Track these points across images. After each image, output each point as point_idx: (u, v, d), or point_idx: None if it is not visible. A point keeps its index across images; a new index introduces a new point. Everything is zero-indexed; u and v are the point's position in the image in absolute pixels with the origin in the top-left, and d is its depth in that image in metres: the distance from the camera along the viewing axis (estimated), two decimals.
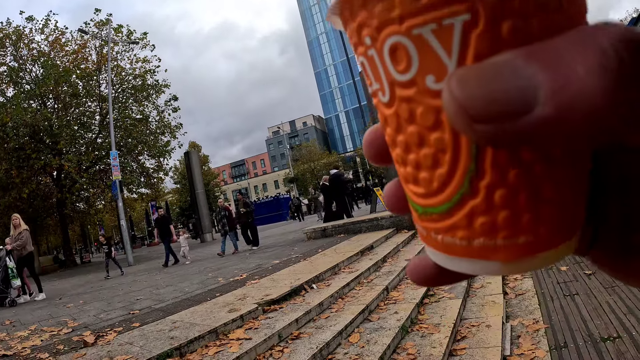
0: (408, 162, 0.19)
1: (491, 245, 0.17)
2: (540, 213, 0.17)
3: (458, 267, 0.19)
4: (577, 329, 3.32)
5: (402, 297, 4.00)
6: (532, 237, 0.17)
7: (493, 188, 0.16)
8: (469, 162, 0.17)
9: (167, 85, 19.39)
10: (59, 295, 7.39)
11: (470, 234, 0.18)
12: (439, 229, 0.19)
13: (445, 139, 0.17)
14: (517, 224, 0.17)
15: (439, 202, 0.18)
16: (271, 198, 45.14)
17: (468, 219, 0.17)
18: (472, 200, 0.17)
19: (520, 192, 0.16)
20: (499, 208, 0.17)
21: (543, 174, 0.16)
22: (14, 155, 15.24)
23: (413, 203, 0.20)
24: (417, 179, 0.19)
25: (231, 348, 2.79)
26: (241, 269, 6.31)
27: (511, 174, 0.16)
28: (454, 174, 0.17)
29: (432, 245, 0.20)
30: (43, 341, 3.58)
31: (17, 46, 16.81)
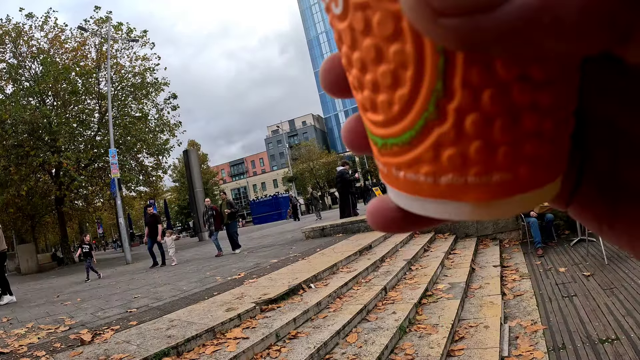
0: (365, 84, 0.16)
1: (461, 183, 0.15)
2: (519, 146, 0.14)
3: (423, 210, 0.16)
4: (575, 330, 3.32)
5: (400, 297, 4.00)
6: (509, 175, 0.15)
7: (464, 112, 0.14)
8: (434, 79, 0.14)
9: (167, 84, 19.36)
10: (57, 293, 7.37)
11: (436, 169, 0.15)
12: (401, 164, 0.16)
13: (406, 51, 0.14)
14: (492, 158, 0.14)
15: (400, 131, 0.16)
16: (270, 197, 45.12)
17: (434, 150, 0.15)
18: (439, 128, 0.14)
19: (495, 119, 0.14)
20: (471, 137, 0.14)
21: (523, 97, 0.14)
22: (12, 152, 15.20)
23: (372, 135, 0.17)
24: (375, 104, 0.16)
25: (228, 347, 2.79)
26: (239, 268, 6.30)
27: (485, 96, 0.14)
28: (417, 95, 0.14)
29: (394, 184, 0.17)
30: (40, 339, 3.57)
31: (17, 43, 16.75)
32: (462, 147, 0.14)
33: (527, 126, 0.14)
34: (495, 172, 0.15)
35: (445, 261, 5.72)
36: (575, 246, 6.13)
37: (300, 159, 55.33)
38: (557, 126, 0.15)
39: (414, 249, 6.20)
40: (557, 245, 6.49)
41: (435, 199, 0.16)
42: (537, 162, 0.15)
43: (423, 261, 5.62)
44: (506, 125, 0.14)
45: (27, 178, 15.50)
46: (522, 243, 7.01)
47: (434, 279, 4.68)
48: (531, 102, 0.14)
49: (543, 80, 0.14)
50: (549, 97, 0.14)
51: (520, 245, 6.94)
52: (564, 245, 6.36)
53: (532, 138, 0.14)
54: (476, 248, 6.71)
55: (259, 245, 10.51)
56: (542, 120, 0.14)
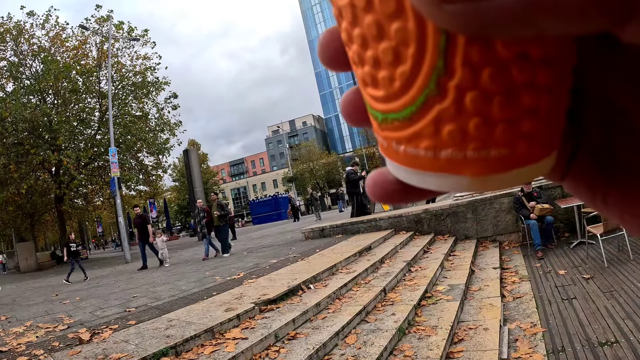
0: (366, 59, 0.16)
1: (460, 157, 0.15)
2: (517, 123, 0.15)
3: (422, 183, 0.17)
4: (574, 333, 3.32)
5: (399, 298, 3.99)
6: (506, 151, 0.15)
7: (464, 89, 0.14)
8: (436, 57, 0.14)
9: (167, 83, 19.38)
10: (56, 291, 7.36)
11: (436, 143, 0.16)
12: (401, 138, 0.17)
13: (408, 29, 0.14)
14: (490, 134, 0.15)
15: (401, 106, 0.16)
16: (270, 197, 45.10)
17: (434, 125, 0.15)
18: (439, 104, 0.15)
19: (494, 96, 0.14)
20: (470, 114, 0.15)
21: (521, 76, 0.14)
22: (12, 151, 15.20)
23: (372, 110, 0.18)
24: (376, 80, 0.16)
25: (227, 347, 2.78)
26: (239, 268, 6.30)
27: (485, 74, 0.14)
28: (419, 72, 0.15)
29: (394, 158, 0.18)
30: (38, 337, 3.56)
31: (18, 41, 16.76)
32: (462, 123, 0.15)
33: (525, 103, 0.15)
34: (493, 148, 0.15)
35: (445, 263, 5.72)
36: (575, 249, 6.12)
37: (301, 159, 55.32)
38: (553, 103, 0.15)
39: (413, 250, 6.20)
40: (557, 247, 6.48)
41: (435, 173, 0.16)
42: (533, 138, 0.15)
43: (422, 262, 5.62)
44: (505, 102, 0.14)
45: (26, 176, 15.49)
46: (521, 245, 7.00)
47: (433, 280, 4.68)
48: (529, 80, 0.14)
49: (541, 59, 0.14)
50: (547, 75, 0.15)
51: (520, 247, 6.93)
52: (563, 248, 6.36)
53: (530, 115, 0.15)
54: (476, 250, 6.70)
55: (259, 245, 10.51)
56: (539, 98, 0.15)
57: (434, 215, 7.90)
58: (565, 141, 0.18)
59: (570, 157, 0.19)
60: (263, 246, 9.91)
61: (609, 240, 5.49)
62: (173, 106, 19.65)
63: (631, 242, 5.20)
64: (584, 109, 0.18)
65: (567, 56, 0.15)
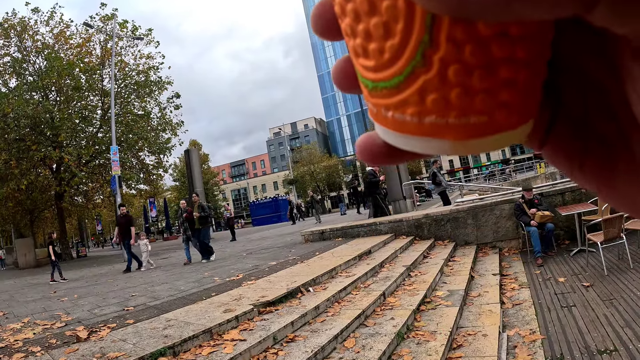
0: (358, 32, 0.18)
1: (442, 123, 0.17)
2: (494, 94, 0.16)
3: (408, 145, 0.18)
4: (573, 340, 3.31)
5: (398, 303, 3.98)
6: (485, 118, 0.16)
7: (447, 63, 0.16)
8: (422, 32, 0.16)
9: (170, 82, 19.40)
10: (54, 288, 7.35)
11: (421, 110, 0.17)
12: (390, 105, 0.18)
13: (398, 7, 0.16)
14: (471, 103, 0.16)
15: (389, 76, 0.17)
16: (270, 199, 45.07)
17: (419, 94, 0.17)
18: (425, 75, 0.16)
19: (475, 70, 0.16)
20: (452, 85, 0.16)
21: (500, 52, 0.15)
22: (14, 146, 15.20)
23: (363, 78, 0.19)
24: (367, 51, 0.18)
25: (225, 349, 2.77)
26: (238, 269, 6.29)
27: (467, 50, 0.15)
28: (407, 45, 0.16)
29: (382, 122, 0.19)
30: (36, 334, 3.55)
31: (22, 37, 16.81)
32: (445, 93, 0.16)
33: (503, 76, 0.16)
34: (473, 115, 0.16)
35: (445, 268, 5.71)
36: (575, 256, 6.11)
37: (301, 161, 55.28)
38: (531, 76, 0.17)
39: (413, 255, 6.18)
40: (556, 255, 6.46)
41: (419, 136, 0.18)
42: (511, 107, 0.17)
43: (422, 268, 5.61)
44: (484, 75, 0.16)
45: (27, 172, 15.50)
46: (521, 252, 6.99)
47: (432, 285, 4.66)
48: (508, 55, 0.16)
49: (519, 36, 0.15)
50: (524, 51, 0.16)
51: (520, 254, 6.92)
52: (563, 255, 6.34)
53: (508, 86, 0.16)
54: (475, 256, 6.69)
55: (258, 247, 10.49)
56: (517, 71, 0.16)
57: (434, 221, 7.89)
58: (543, 111, 0.19)
59: (549, 126, 0.20)
60: (262, 248, 9.89)
61: (609, 248, 5.48)
62: (175, 106, 19.66)
63: (631, 250, 5.19)
64: (561, 81, 0.19)
65: (544, 33, 0.17)
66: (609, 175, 0.19)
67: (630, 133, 0.18)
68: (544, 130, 0.20)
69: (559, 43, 0.18)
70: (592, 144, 0.19)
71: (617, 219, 5.01)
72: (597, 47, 0.17)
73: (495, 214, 7.50)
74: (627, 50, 0.16)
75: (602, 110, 0.18)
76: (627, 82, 0.17)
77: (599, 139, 0.19)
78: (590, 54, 0.18)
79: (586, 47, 0.18)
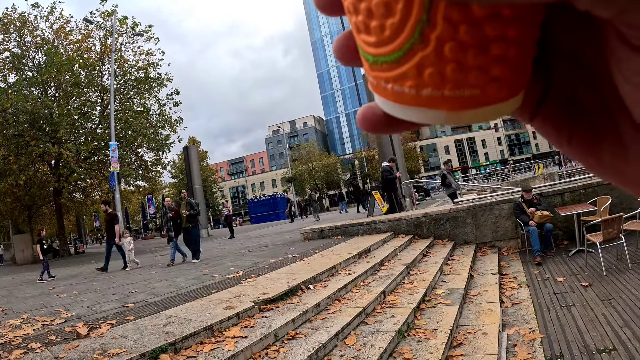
0: (360, 10, 0.19)
1: (438, 95, 0.18)
2: (487, 70, 0.17)
3: (405, 115, 0.20)
4: (573, 339, 3.32)
5: (398, 301, 3.99)
6: (478, 91, 0.18)
7: (443, 40, 0.17)
8: (421, 12, 0.17)
9: (170, 79, 19.33)
10: (52, 284, 7.34)
11: (418, 83, 0.18)
12: (389, 77, 0.19)
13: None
14: (464, 78, 0.17)
15: (389, 51, 0.18)
16: (268, 197, 45.04)
17: (417, 69, 0.18)
18: (422, 51, 0.17)
19: (469, 49, 0.17)
20: (448, 60, 0.17)
21: (493, 31, 0.17)
22: (12, 142, 15.13)
23: (364, 53, 0.20)
24: (368, 28, 0.19)
25: (227, 346, 2.77)
26: (237, 267, 6.28)
27: (462, 29, 0.16)
28: (406, 23, 0.17)
29: (382, 94, 0.20)
30: (35, 330, 3.54)
31: (21, 33, 16.71)
32: (440, 67, 0.17)
33: (494, 53, 0.17)
34: (467, 88, 0.18)
35: (444, 267, 5.72)
36: (573, 257, 6.13)
37: (300, 160, 55.24)
38: (521, 53, 0.18)
39: (412, 254, 6.19)
40: (555, 255, 6.49)
41: (417, 107, 0.19)
42: (502, 82, 0.18)
43: (422, 266, 5.62)
44: (477, 53, 0.17)
45: (26, 168, 15.43)
46: (520, 252, 7.01)
47: (432, 284, 4.68)
48: (500, 34, 0.17)
49: (511, 17, 0.17)
50: (516, 30, 0.17)
51: (519, 254, 6.94)
52: (562, 256, 6.37)
53: (499, 63, 0.17)
54: (474, 255, 6.70)
55: (257, 244, 10.49)
56: (508, 49, 0.17)
57: (433, 220, 7.90)
58: (534, 85, 0.21)
59: (540, 100, 0.22)
60: (262, 246, 9.89)
61: (607, 249, 5.50)
62: (175, 102, 19.60)
63: (630, 251, 5.22)
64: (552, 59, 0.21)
65: (535, 15, 0.18)
66: (596, 147, 0.20)
67: (615, 108, 0.19)
68: (534, 104, 0.22)
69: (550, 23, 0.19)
70: (581, 118, 0.20)
71: (616, 220, 5.03)
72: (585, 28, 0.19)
73: (494, 213, 7.52)
74: (611, 33, 0.17)
75: (590, 87, 0.20)
76: (612, 63, 0.18)
77: (586, 114, 0.20)
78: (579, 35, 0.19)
79: (575, 28, 0.19)
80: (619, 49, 0.17)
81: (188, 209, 8.29)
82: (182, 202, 8.56)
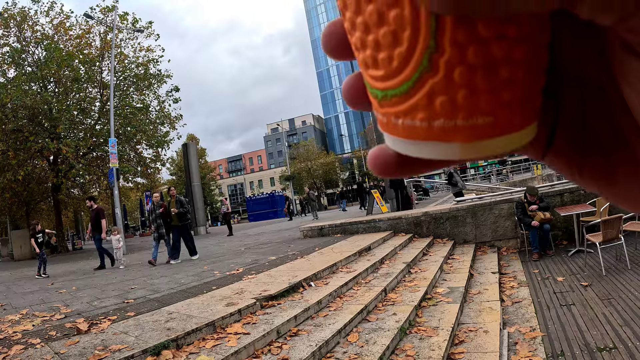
0: (367, 44, 0.19)
1: (451, 126, 0.17)
2: (498, 93, 0.17)
3: (418, 152, 0.19)
4: (573, 338, 3.34)
5: (400, 299, 3.99)
6: (491, 119, 0.17)
7: (452, 65, 0.17)
8: (428, 38, 0.17)
9: (170, 76, 19.26)
10: (51, 280, 7.31)
11: (430, 114, 0.18)
12: (399, 112, 0.19)
13: (404, 16, 0.17)
14: (476, 104, 0.17)
15: (399, 83, 0.18)
16: (266, 195, 45.03)
17: (428, 98, 0.18)
18: (432, 79, 0.17)
19: (478, 70, 0.17)
20: (459, 86, 0.17)
21: (500, 53, 0.17)
22: (11, 137, 15.06)
23: (372, 89, 0.20)
24: (376, 61, 0.19)
25: (229, 342, 2.77)
26: (237, 264, 6.28)
27: (470, 52, 0.16)
28: (414, 52, 0.17)
29: (393, 131, 0.20)
30: (35, 326, 3.53)
31: (21, 27, 16.60)
32: (452, 94, 0.17)
33: (503, 76, 0.17)
34: (479, 116, 0.17)
35: (444, 266, 5.73)
36: (573, 257, 6.16)
37: (299, 158, 55.20)
38: (529, 76, 0.18)
39: (412, 252, 6.20)
40: (555, 255, 6.51)
41: (430, 141, 0.18)
42: (513, 107, 0.18)
43: (422, 265, 5.63)
44: (487, 75, 0.17)
45: (24, 163, 15.36)
46: (520, 251, 7.03)
47: (433, 282, 4.68)
48: (507, 55, 0.17)
49: (517, 37, 0.16)
50: (522, 52, 0.17)
51: (518, 253, 6.96)
52: (561, 256, 6.39)
53: (509, 86, 0.17)
54: (474, 254, 6.72)
55: (256, 242, 10.48)
56: (516, 71, 0.17)
57: (433, 219, 7.91)
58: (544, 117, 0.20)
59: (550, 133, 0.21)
60: (261, 243, 9.88)
61: (606, 249, 5.52)
62: (174, 99, 19.54)
63: (629, 251, 5.24)
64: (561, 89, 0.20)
65: (540, 34, 0.17)
66: (610, 176, 0.19)
67: (629, 133, 0.18)
68: (545, 138, 0.21)
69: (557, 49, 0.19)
70: (592, 147, 0.20)
71: (616, 221, 5.05)
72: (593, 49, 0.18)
73: (494, 213, 7.54)
74: (616, 42, 0.16)
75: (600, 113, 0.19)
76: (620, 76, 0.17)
77: (598, 142, 0.20)
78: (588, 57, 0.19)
79: (583, 51, 0.19)
80: (625, 59, 0.16)
81: (178, 207, 7.92)
82: (170, 200, 8.10)
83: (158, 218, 7.96)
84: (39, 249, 8.41)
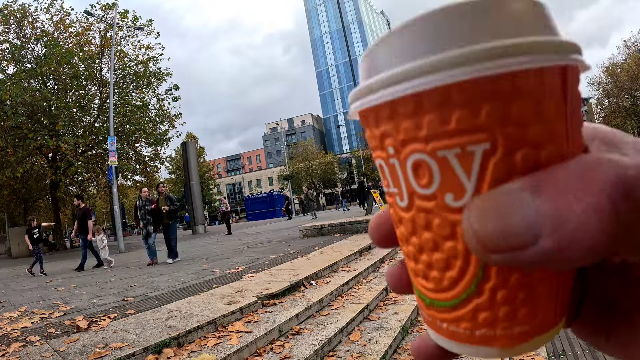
0: (420, 260, 0.21)
1: (491, 334, 0.19)
2: (534, 307, 0.19)
3: (460, 351, 0.21)
4: (574, 337, 3.33)
5: (401, 298, 3.98)
6: (527, 327, 0.19)
7: (496, 289, 0.19)
8: (477, 269, 0.19)
9: (169, 74, 19.23)
10: (49, 277, 7.27)
11: (473, 325, 0.20)
12: (445, 319, 0.21)
13: (458, 249, 0.19)
14: (515, 318, 0.19)
15: (447, 298, 0.20)
16: (265, 194, 45.01)
17: (472, 314, 0.19)
18: (477, 299, 0.19)
19: (519, 292, 0.19)
20: (500, 305, 0.19)
21: (539, 277, 0.19)
22: (10, 134, 15.00)
23: (420, 294, 0.22)
24: (427, 276, 0.21)
25: (231, 340, 2.75)
26: (237, 262, 6.26)
27: (513, 278, 0.18)
28: (463, 278, 0.19)
29: (437, 330, 0.22)
30: (34, 323, 3.50)
31: (21, 24, 16.55)
32: (494, 312, 0.19)
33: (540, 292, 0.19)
34: (517, 326, 0.19)
35: None
36: None
37: (297, 158, 55.19)
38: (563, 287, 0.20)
39: None
40: None
41: (471, 345, 0.20)
42: (547, 315, 0.20)
43: None
44: (527, 295, 0.19)
45: (23, 160, 15.30)
46: None
47: None
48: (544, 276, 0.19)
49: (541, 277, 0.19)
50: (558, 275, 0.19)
51: None
52: None
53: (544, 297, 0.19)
54: None
55: (255, 241, 10.46)
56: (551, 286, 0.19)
57: None
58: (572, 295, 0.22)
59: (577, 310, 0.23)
60: (260, 242, 9.86)
61: None
62: (174, 98, 19.50)
63: None
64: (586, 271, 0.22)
65: None
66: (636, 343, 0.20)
67: None
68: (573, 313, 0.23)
69: None
70: (617, 315, 0.21)
71: None
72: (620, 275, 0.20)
73: None
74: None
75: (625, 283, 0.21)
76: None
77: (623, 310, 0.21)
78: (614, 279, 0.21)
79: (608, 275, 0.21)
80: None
81: (168, 204, 7.66)
82: (159, 198, 7.83)
83: (148, 214, 7.62)
84: (35, 245, 8.23)
